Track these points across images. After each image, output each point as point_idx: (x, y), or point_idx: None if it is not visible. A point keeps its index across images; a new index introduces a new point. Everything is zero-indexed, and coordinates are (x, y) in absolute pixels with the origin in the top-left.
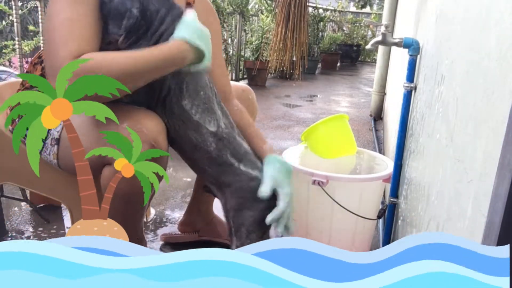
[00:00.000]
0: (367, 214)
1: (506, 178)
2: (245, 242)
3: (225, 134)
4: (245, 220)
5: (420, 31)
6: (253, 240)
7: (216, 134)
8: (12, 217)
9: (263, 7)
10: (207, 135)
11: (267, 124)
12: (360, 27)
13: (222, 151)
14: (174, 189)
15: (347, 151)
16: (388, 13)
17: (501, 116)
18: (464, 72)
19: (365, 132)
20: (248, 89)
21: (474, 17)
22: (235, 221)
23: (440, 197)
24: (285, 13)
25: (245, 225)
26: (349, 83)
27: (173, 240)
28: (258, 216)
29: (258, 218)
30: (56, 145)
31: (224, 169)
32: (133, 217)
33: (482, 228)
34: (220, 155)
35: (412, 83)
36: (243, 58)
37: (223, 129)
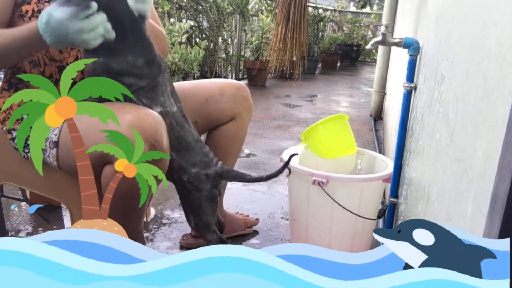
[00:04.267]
0: (367, 214)
1: (506, 178)
2: (201, 217)
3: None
4: (196, 200)
5: (420, 31)
6: (208, 215)
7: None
8: (12, 217)
9: (263, 7)
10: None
11: (267, 124)
12: (360, 27)
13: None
14: (174, 189)
15: (347, 151)
16: (388, 13)
17: (501, 116)
18: (464, 72)
19: (365, 132)
20: (243, 87)
21: (474, 17)
22: (188, 203)
23: (440, 197)
24: (285, 13)
25: (197, 204)
26: (349, 83)
27: (192, 246)
28: (207, 195)
29: (207, 196)
30: (55, 147)
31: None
32: (131, 217)
33: (482, 228)
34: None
35: (412, 83)
36: (243, 58)
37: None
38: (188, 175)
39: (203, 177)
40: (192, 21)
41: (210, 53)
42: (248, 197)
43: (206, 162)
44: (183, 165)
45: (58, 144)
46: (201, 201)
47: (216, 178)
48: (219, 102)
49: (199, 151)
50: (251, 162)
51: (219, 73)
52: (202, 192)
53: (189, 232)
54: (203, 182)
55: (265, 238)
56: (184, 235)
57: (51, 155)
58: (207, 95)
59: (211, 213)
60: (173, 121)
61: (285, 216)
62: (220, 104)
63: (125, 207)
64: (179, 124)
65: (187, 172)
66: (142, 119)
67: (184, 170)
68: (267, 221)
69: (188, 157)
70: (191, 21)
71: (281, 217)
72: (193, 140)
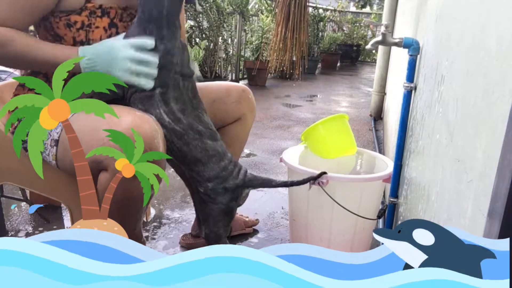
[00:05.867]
0: (367, 214)
1: (506, 178)
2: (213, 229)
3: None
4: (211, 211)
5: (420, 31)
6: (220, 228)
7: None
8: (12, 217)
9: (263, 7)
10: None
11: (267, 124)
12: (360, 27)
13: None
14: (174, 189)
15: (347, 151)
16: (388, 13)
17: (501, 116)
18: (464, 72)
19: (365, 132)
20: (248, 90)
21: (474, 17)
22: (202, 213)
23: (440, 197)
24: (285, 13)
25: (212, 215)
26: (349, 83)
27: (192, 246)
28: (223, 208)
29: (223, 210)
30: (55, 146)
31: (191, 162)
32: (132, 217)
33: (482, 228)
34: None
35: (412, 83)
36: (243, 58)
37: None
38: (204, 188)
39: (221, 191)
40: (192, 21)
41: (210, 53)
42: (248, 197)
43: (224, 176)
44: (196, 178)
45: (58, 143)
46: (216, 213)
47: (237, 190)
48: (226, 103)
49: (214, 167)
50: (251, 162)
51: (219, 73)
52: (219, 205)
53: (189, 232)
54: (220, 195)
55: (265, 238)
56: (184, 235)
57: (51, 153)
58: (214, 96)
59: (224, 226)
60: (174, 137)
61: (285, 216)
62: (226, 105)
63: (128, 208)
64: (182, 140)
65: (202, 185)
66: (138, 126)
67: (199, 183)
68: (267, 221)
69: (200, 171)
70: (191, 21)
71: (281, 217)
72: (204, 156)
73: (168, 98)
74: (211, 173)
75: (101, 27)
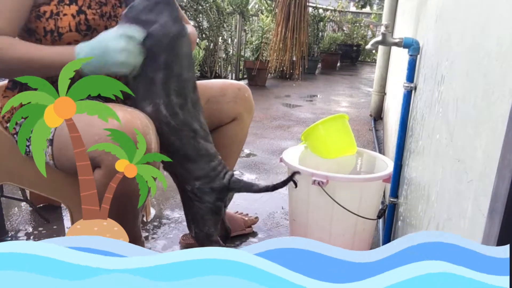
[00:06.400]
0: (367, 214)
1: (506, 178)
2: (202, 228)
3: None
4: (199, 210)
5: (420, 31)
6: (210, 227)
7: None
8: (12, 217)
9: (263, 7)
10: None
11: (267, 124)
12: (360, 27)
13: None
14: (174, 189)
15: (347, 151)
16: (388, 13)
17: (501, 116)
18: (464, 72)
19: (365, 132)
20: (244, 87)
21: (474, 17)
22: (189, 212)
23: (440, 197)
24: (285, 13)
25: (200, 214)
26: (349, 83)
27: (191, 246)
28: (210, 207)
29: (210, 208)
30: (50, 146)
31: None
32: (128, 217)
33: (482, 228)
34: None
35: (412, 83)
36: (243, 58)
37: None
38: (191, 186)
39: (208, 190)
40: (192, 21)
41: (210, 53)
42: (248, 196)
43: (212, 176)
44: (184, 175)
45: (52, 142)
46: (203, 212)
47: (223, 191)
48: (220, 103)
49: (204, 166)
50: (251, 162)
51: (219, 73)
52: (206, 204)
53: (188, 232)
54: (207, 195)
55: (265, 238)
56: (184, 235)
57: (48, 153)
58: (208, 95)
59: (213, 225)
60: (168, 131)
61: (285, 216)
62: (222, 105)
63: (125, 205)
64: (176, 135)
65: (190, 183)
66: (129, 122)
67: (187, 180)
68: (267, 221)
69: (189, 168)
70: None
71: (281, 217)
72: (196, 155)
73: (169, 88)
74: (200, 173)
75: (69, 14)
